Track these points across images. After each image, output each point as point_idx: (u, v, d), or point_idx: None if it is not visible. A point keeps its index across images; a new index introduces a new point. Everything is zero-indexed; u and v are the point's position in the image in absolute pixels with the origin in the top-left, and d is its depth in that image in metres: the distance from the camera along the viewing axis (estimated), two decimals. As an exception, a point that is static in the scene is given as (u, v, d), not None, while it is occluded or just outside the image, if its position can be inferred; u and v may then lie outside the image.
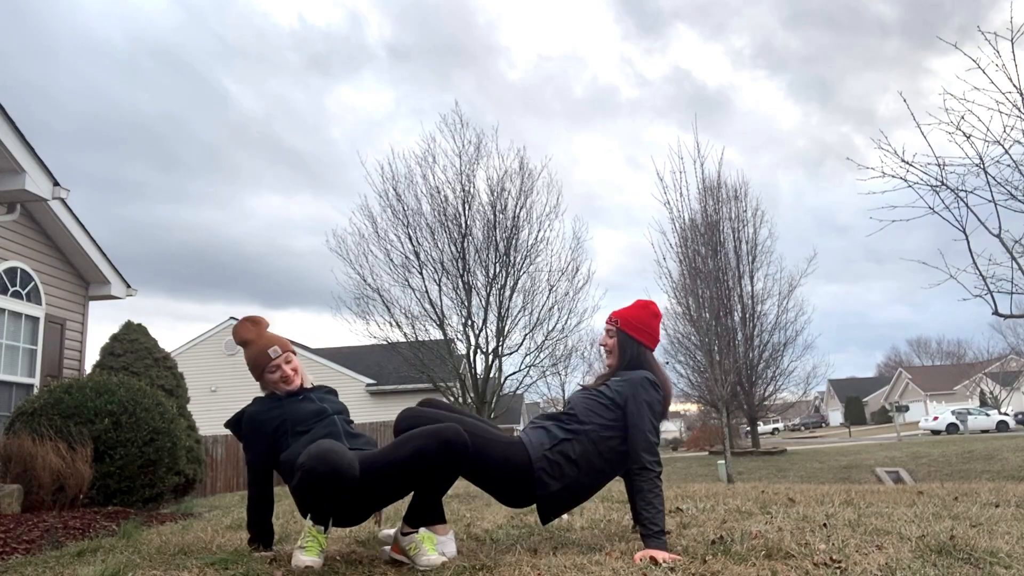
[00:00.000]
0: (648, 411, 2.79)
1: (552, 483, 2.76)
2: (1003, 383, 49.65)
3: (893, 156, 7.68)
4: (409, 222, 20.28)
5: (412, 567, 2.60)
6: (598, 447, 2.80)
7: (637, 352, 2.99)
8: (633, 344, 2.99)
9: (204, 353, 23.09)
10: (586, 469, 2.81)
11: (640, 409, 2.79)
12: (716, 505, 4.18)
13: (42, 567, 3.09)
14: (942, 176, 7.62)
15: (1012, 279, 7.54)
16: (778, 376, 29.43)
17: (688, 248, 22.69)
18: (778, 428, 59.63)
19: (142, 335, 9.83)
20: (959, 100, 7.25)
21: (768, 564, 2.40)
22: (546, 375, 22.93)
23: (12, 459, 6.03)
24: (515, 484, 2.79)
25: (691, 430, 46.79)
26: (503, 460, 2.77)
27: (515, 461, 2.77)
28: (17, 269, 8.84)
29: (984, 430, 35.98)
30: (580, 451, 2.79)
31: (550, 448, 2.78)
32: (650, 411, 2.79)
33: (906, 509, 3.75)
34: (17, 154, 7.88)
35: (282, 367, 3.07)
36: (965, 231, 7.60)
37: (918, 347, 78.13)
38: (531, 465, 2.75)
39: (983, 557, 2.46)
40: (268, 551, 2.97)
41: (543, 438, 2.81)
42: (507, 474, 2.78)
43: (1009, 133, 7.27)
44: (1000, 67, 7.21)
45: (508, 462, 2.77)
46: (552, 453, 2.77)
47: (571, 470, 2.78)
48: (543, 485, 2.76)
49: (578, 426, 2.83)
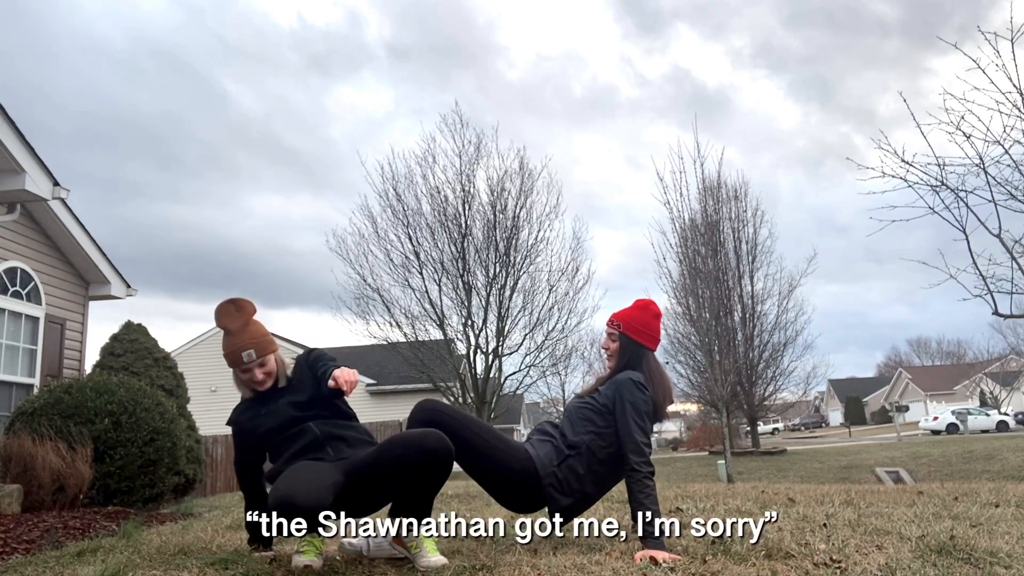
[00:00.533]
0: (632, 412, 2.79)
1: (563, 499, 2.81)
2: (1003, 383, 49.63)
3: (893, 156, 7.68)
4: (409, 222, 20.30)
5: (412, 566, 2.60)
6: (597, 456, 2.84)
7: (639, 354, 2.99)
8: (635, 347, 2.99)
9: (204, 353, 23.13)
10: (591, 480, 2.85)
11: (624, 411, 2.80)
12: (716, 505, 4.18)
13: (42, 567, 3.09)
14: (942, 176, 7.63)
15: (1012, 279, 7.55)
16: (778, 376, 29.45)
17: (688, 248, 22.71)
18: (778, 428, 59.60)
19: (142, 335, 9.83)
20: (959, 100, 7.25)
21: (768, 564, 2.40)
22: (546, 375, 23.00)
23: (12, 459, 6.03)
24: (520, 492, 2.83)
25: (691, 430, 46.79)
26: (509, 469, 2.80)
27: (522, 472, 2.80)
28: (17, 269, 8.84)
29: (984, 430, 35.96)
30: (585, 464, 2.83)
31: (558, 464, 2.82)
32: (635, 412, 2.79)
33: (906, 509, 3.75)
34: (17, 154, 7.88)
35: (254, 371, 2.92)
36: (965, 231, 7.61)
37: (918, 347, 78.19)
38: (539, 480, 2.78)
39: (983, 557, 2.46)
40: (268, 551, 2.96)
41: (551, 454, 2.85)
42: (514, 483, 2.82)
43: (1009, 133, 7.27)
44: (1000, 67, 7.21)
45: (514, 472, 2.80)
46: (560, 470, 2.81)
47: (578, 484, 2.83)
48: (554, 501, 2.80)
49: (577, 440, 2.84)
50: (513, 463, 2.80)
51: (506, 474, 2.81)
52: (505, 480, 2.82)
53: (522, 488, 2.80)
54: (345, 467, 2.65)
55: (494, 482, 2.85)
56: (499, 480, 2.84)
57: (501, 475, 2.82)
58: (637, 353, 2.98)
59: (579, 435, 2.85)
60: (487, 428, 2.97)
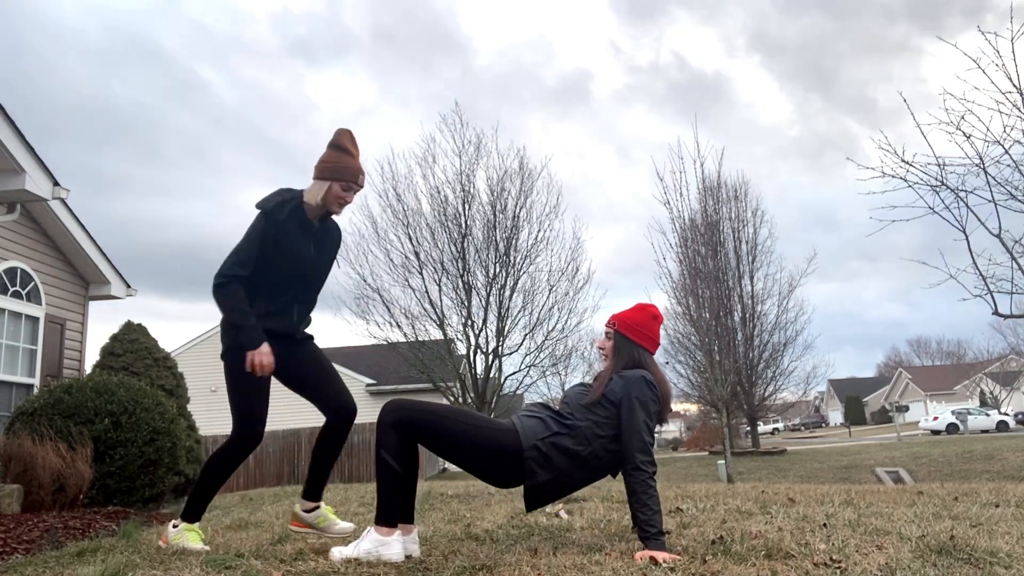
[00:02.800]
0: (642, 410, 2.76)
1: (540, 473, 2.74)
2: (1003, 383, 49.66)
3: (893, 156, 7.69)
4: (409, 222, 20.31)
5: (413, 567, 2.60)
6: (591, 444, 2.78)
7: (636, 355, 2.95)
8: (631, 347, 2.96)
9: (204, 353, 23.13)
10: (577, 464, 2.78)
11: (633, 408, 2.76)
12: (716, 505, 4.18)
13: (42, 567, 3.09)
14: (942, 176, 7.64)
15: (1012, 279, 7.55)
16: (778, 376, 29.50)
17: (688, 248, 22.71)
18: (778, 428, 59.62)
19: (142, 335, 9.84)
20: (959, 100, 7.26)
21: (768, 564, 2.40)
22: (546, 375, 22.98)
23: (12, 459, 6.03)
24: (502, 466, 2.78)
25: (691, 430, 46.78)
26: (492, 443, 2.75)
27: (504, 445, 2.75)
28: (17, 269, 8.84)
29: (984, 430, 35.97)
30: (573, 446, 2.76)
31: (543, 439, 2.75)
32: (644, 411, 2.76)
33: (906, 509, 3.75)
34: (17, 154, 7.88)
35: (352, 196, 3.13)
36: (965, 231, 7.61)
37: (918, 347, 78.25)
38: (521, 452, 2.74)
39: (983, 557, 2.46)
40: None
41: (537, 428, 2.79)
42: (495, 456, 2.77)
43: (1009, 133, 7.28)
44: (1000, 67, 7.22)
45: (497, 445, 2.76)
46: (544, 444, 2.74)
47: (561, 463, 2.76)
48: (531, 475, 2.74)
49: (574, 421, 2.80)
50: (496, 436, 2.76)
51: (490, 446, 2.75)
52: (487, 452, 2.77)
53: (504, 462, 2.75)
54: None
55: (476, 457, 2.80)
56: (482, 454, 2.78)
57: (485, 449, 2.76)
58: (633, 354, 2.95)
59: (575, 419, 2.81)
60: (463, 411, 2.93)
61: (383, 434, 2.75)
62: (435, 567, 2.57)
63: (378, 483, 2.77)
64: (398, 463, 2.73)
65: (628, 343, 2.96)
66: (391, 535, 2.71)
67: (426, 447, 2.84)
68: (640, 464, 2.70)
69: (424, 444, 2.81)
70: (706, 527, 3.27)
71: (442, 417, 2.79)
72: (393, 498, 2.75)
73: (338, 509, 4.53)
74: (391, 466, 2.72)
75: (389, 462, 2.72)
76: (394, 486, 2.75)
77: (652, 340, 3.00)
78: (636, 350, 2.95)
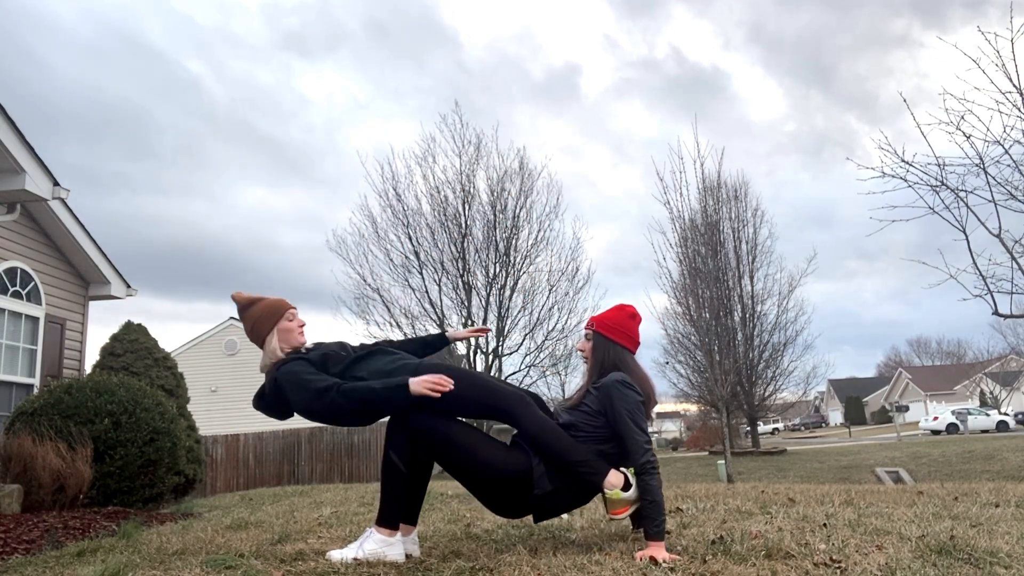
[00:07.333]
0: (627, 414, 2.76)
1: (549, 484, 2.76)
2: (1003, 383, 49.66)
3: (893, 156, 7.70)
4: (409, 222, 20.32)
5: (413, 567, 2.60)
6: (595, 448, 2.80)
7: (614, 354, 2.95)
8: (609, 346, 2.95)
9: (204, 353, 23.10)
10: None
11: (619, 414, 2.77)
12: (716, 505, 4.18)
13: (42, 567, 3.09)
14: (942, 176, 7.64)
15: (1012, 279, 7.55)
16: (778, 376, 29.44)
17: (688, 248, 22.69)
18: (778, 428, 59.61)
19: (142, 335, 9.84)
20: (959, 100, 7.26)
21: (768, 564, 2.40)
22: (546, 375, 22.99)
23: (12, 459, 6.03)
24: (512, 489, 2.77)
25: (691, 430, 46.78)
26: (503, 463, 2.75)
27: (514, 465, 2.75)
28: (17, 269, 8.84)
29: (984, 430, 35.97)
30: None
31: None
32: (628, 413, 2.76)
33: (906, 509, 3.75)
34: (17, 154, 7.88)
35: (298, 317, 2.98)
36: (965, 231, 7.62)
37: (918, 347, 78.25)
38: (530, 466, 2.74)
39: (983, 557, 2.46)
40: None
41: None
42: (506, 478, 2.75)
43: (1009, 133, 7.28)
44: (1000, 67, 7.22)
45: (507, 465, 2.75)
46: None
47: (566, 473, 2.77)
48: (540, 485, 2.75)
49: (574, 433, 2.82)
50: (507, 456, 2.75)
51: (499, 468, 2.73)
52: (498, 476, 2.75)
53: (514, 484, 2.74)
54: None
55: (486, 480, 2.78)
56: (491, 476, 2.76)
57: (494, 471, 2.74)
58: (611, 353, 2.94)
59: (577, 431, 2.82)
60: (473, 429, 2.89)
61: (391, 433, 2.75)
62: (435, 567, 2.57)
63: (382, 484, 2.76)
64: (404, 464, 2.72)
65: (607, 343, 2.96)
66: (393, 536, 2.72)
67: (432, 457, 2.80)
68: (640, 465, 2.71)
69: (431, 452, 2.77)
70: (706, 527, 3.27)
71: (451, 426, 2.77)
72: (396, 501, 2.74)
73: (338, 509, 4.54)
74: (398, 468, 2.71)
75: (396, 464, 2.71)
76: (399, 489, 2.74)
77: (631, 339, 3.00)
78: (615, 349, 2.95)
